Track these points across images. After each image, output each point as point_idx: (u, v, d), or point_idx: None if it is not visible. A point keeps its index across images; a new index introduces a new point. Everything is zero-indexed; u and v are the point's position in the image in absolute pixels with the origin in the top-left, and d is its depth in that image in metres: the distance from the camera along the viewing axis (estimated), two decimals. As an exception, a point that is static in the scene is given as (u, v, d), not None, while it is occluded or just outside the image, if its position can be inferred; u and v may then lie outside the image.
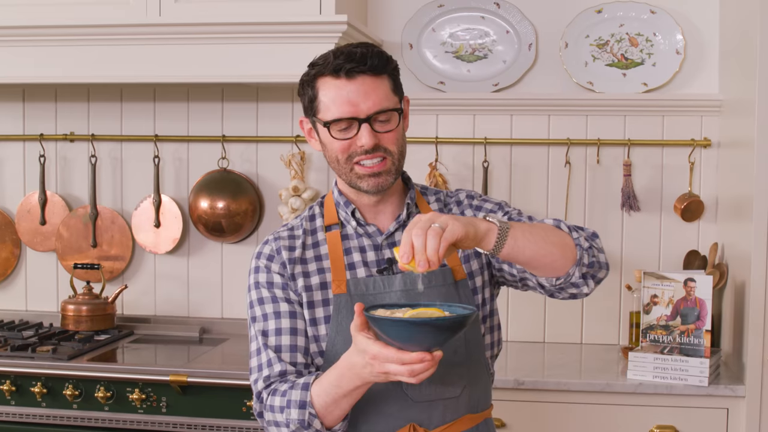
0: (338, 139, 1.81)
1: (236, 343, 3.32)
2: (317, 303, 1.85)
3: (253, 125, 3.50)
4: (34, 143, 3.60)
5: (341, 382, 1.68)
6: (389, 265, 1.88)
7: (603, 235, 3.32)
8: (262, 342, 1.84)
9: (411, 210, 1.93)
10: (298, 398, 1.73)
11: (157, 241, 3.55)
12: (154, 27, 3.03)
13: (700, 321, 2.83)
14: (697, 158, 3.28)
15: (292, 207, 3.33)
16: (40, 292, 3.67)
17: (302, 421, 1.72)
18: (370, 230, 1.91)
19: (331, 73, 1.79)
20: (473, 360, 1.87)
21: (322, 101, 1.82)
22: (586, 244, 1.77)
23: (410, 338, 1.55)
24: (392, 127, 1.82)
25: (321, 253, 1.90)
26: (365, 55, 1.79)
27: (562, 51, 3.32)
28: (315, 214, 1.97)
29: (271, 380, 1.81)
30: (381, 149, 1.81)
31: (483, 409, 1.91)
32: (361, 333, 1.62)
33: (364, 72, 1.78)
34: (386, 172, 1.83)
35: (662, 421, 2.81)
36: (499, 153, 3.37)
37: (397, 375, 1.59)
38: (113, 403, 2.93)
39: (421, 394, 1.81)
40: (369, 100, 1.78)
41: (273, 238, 1.92)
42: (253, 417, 2.85)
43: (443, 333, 1.56)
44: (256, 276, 1.90)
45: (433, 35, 3.41)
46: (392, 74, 1.85)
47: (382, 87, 1.81)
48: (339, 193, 1.93)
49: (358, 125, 1.79)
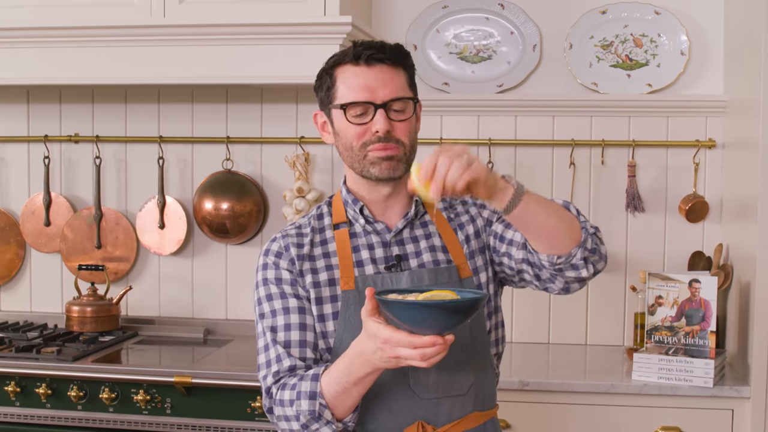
0: (353, 124, 1.83)
1: (241, 344, 3.32)
2: (325, 299, 1.85)
3: (258, 126, 3.50)
4: (39, 144, 3.61)
5: (351, 369, 1.69)
6: (397, 262, 1.88)
7: (607, 235, 3.30)
8: (271, 338, 1.84)
9: (419, 208, 1.94)
10: (308, 389, 1.73)
11: (161, 243, 3.55)
12: (158, 28, 3.04)
13: (705, 322, 2.82)
14: (702, 159, 3.27)
15: (297, 208, 3.33)
16: (45, 294, 3.67)
17: (313, 411, 1.72)
18: (378, 227, 1.92)
19: (351, 60, 1.84)
20: (479, 356, 1.88)
21: (339, 88, 1.85)
22: (591, 230, 1.79)
23: (422, 321, 1.56)
24: (407, 116, 1.85)
25: (329, 251, 1.91)
26: (384, 46, 1.84)
27: (567, 52, 3.32)
28: (323, 213, 1.97)
29: (280, 375, 1.81)
30: (393, 140, 1.83)
31: (489, 407, 1.91)
32: (372, 318, 1.63)
33: (383, 60, 1.83)
34: (398, 158, 1.84)
35: (667, 422, 2.80)
36: (503, 154, 3.37)
37: (408, 359, 1.59)
38: (118, 404, 2.93)
39: (428, 392, 1.81)
40: (386, 87, 1.82)
41: (281, 236, 1.93)
42: (258, 418, 2.85)
43: (455, 316, 1.56)
44: (265, 272, 1.90)
45: (437, 36, 3.41)
46: (409, 70, 1.90)
47: (399, 77, 1.85)
48: (347, 192, 1.94)
49: (373, 111, 1.81)
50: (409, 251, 1.91)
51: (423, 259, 1.90)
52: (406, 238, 1.92)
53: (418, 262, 1.89)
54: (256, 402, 2.85)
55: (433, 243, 1.92)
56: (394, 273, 1.87)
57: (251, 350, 3.19)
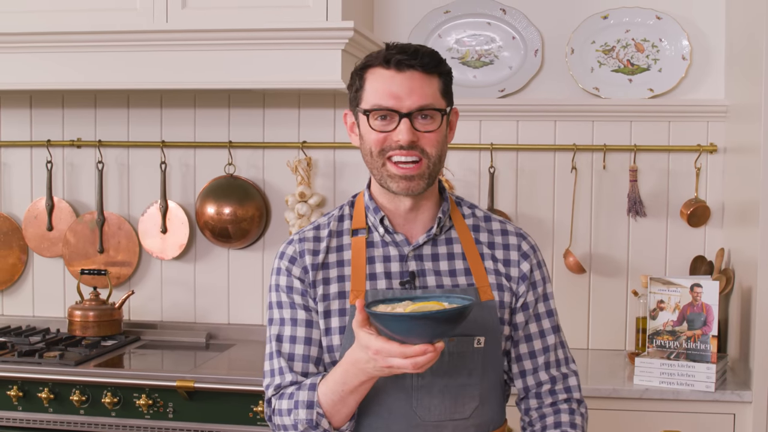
0: (375, 131, 1.76)
1: (243, 349, 3.33)
2: (333, 312, 1.82)
3: (260, 131, 3.51)
4: (41, 149, 3.62)
5: (346, 379, 1.68)
6: (411, 279, 1.82)
7: (609, 240, 3.32)
8: (276, 348, 1.84)
9: (443, 224, 1.87)
10: (305, 398, 1.74)
11: (163, 247, 3.55)
12: (161, 33, 3.04)
13: (706, 326, 2.82)
14: (704, 164, 3.28)
15: (299, 213, 3.33)
16: (47, 298, 3.68)
17: (311, 420, 1.73)
18: (398, 239, 1.85)
19: (381, 63, 1.76)
20: (489, 379, 1.84)
21: (367, 90, 1.77)
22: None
23: (411, 331, 1.56)
24: (434, 127, 1.76)
25: (344, 259, 1.86)
26: (418, 51, 1.75)
27: (568, 57, 3.32)
28: (344, 215, 1.91)
29: (281, 389, 1.81)
30: (418, 149, 1.75)
31: (495, 428, 1.88)
32: (363, 329, 1.62)
33: (414, 67, 1.74)
34: (419, 176, 1.76)
35: (669, 426, 2.80)
36: (505, 159, 3.38)
37: (401, 368, 1.59)
38: (120, 408, 2.93)
39: (430, 414, 1.79)
40: (414, 95, 1.73)
41: (298, 239, 1.88)
42: (260, 422, 2.85)
43: (444, 325, 1.57)
44: (278, 278, 1.87)
45: (439, 41, 3.41)
46: (444, 77, 1.80)
47: (430, 86, 1.76)
48: (369, 198, 1.88)
49: (398, 119, 1.74)
50: (427, 268, 1.84)
51: (442, 280, 1.83)
52: (426, 255, 1.85)
53: (437, 282, 1.83)
54: (258, 407, 2.85)
55: (455, 264, 1.85)
56: (406, 289, 1.81)
57: (253, 355, 3.19)
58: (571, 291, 3.33)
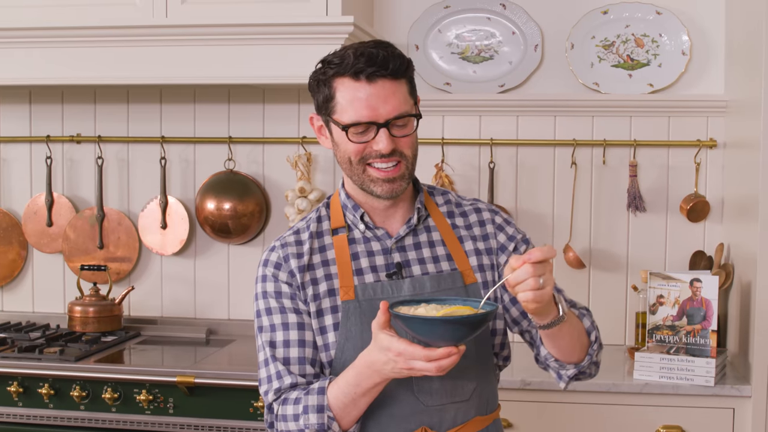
0: (354, 143, 1.78)
1: (243, 344, 3.33)
2: (325, 311, 1.83)
3: (260, 126, 3.50)
4: (41, 145, 3.62)
5: (360, 380, 1.69)
6: (398, 270, 1.86)
7: (609, 235, 3.32)
8: (270, 354, 1.83)
9: (422, 214, 1.91)
10: (315, 403, 1.73)
11: (163, 243, 3.55)
12: (160, 28, 3.04)
13: (706, 321, 2.83)
14: (703, 159, 3.28)
15: (299, 208, 3.33)
16: (47, 294, 3.68)
17: (321, 425, 1.73)
18: (379, 233, 1.89)
19: (351, 75, 1.76)
20: (482, 362, 1.87)
21: (339, 102, 1.78)
22: (596, 359, 1.90)
23: (442, 335, 1.58)
24: (409, 131, 1.80)
25: (328, 258, 1.87)
26: (387, 59, 1.76)
27: (568, 52, 3.32)
28: (322, 216, 1.93)
29: (282, 392, 1.81)
30: (397, 153, 1.79)
31: (492, 410, 1.91)
32: (384, 330, 1.63)
33: (385, 76, 1.75)
34: (400, 177, 1.81)
35: (668, 421, 2.81)
36: (505, 154, 3.38)
37: (422, 371, 1.61)
38: (120, 404, 2.94)
39: (432, 399, 1.80)
40: (388, 104, 1.75)
41: (280, 245, 1.89)
42: (260, 418, 2.86)
43: (471, 329, 1.59)
44: (264, 285, 1.87)
45: (439, 36, 3.41)
46: (410, 79, 1.83)
47: (400, 91, 1.78)
48: (346, 196, 1.91)
49: (376, 129, 1.76)
50: (411, 258, 1.88)
51: (426, 268, 1.88)
52: (408, 245, 1.89)
53: (422, 270, 1.87)
54: (259, 402, 2.86)
55: (436, 250, 1.90)
56: (394, 281, 1.85)
57: (254, 350, 3.19)
58: (570, 286, 3.33)
